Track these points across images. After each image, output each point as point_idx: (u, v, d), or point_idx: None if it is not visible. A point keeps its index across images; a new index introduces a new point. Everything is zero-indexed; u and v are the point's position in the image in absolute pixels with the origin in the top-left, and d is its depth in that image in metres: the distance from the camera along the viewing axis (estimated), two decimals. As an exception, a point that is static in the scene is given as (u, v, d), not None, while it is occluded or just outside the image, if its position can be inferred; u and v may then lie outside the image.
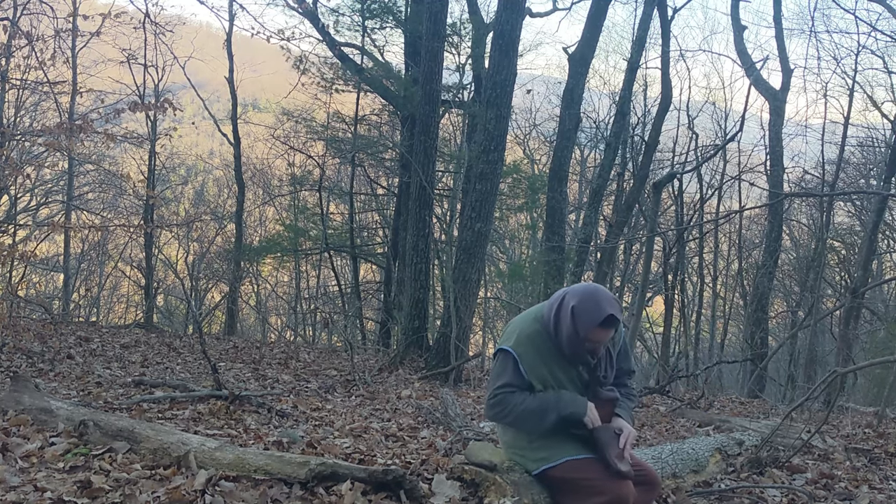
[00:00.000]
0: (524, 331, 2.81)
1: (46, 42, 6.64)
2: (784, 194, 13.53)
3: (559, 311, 2.76)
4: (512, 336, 2.82)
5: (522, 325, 2.84)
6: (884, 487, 4.16)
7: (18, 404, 3.81)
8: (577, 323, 2.68)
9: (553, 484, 2.81)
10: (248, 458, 3.03)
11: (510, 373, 2.77)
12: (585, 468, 2.72)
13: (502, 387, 2.77)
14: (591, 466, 2.72)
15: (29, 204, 17.45)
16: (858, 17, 17.27)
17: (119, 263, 18.21)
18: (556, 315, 2.76)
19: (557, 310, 2.76)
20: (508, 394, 2.75)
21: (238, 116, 16.27)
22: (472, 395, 7.41)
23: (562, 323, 2.73)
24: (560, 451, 2.77)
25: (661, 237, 15.92)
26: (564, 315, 2.73)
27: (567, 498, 2.77)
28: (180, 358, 8.30)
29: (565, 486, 2.76)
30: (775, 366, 15.66)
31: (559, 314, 2.75)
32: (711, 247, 18.69)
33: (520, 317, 2.93)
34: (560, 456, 2.76)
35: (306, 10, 14.07)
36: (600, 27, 12.58)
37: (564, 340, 2.74)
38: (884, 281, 16.36)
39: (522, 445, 2.86)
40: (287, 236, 16.08)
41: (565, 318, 2.72)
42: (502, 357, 2.80)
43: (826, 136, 15.48)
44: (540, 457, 2.80)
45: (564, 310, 2.73)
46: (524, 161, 19.85)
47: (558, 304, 2.77)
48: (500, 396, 2.76)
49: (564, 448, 2.77)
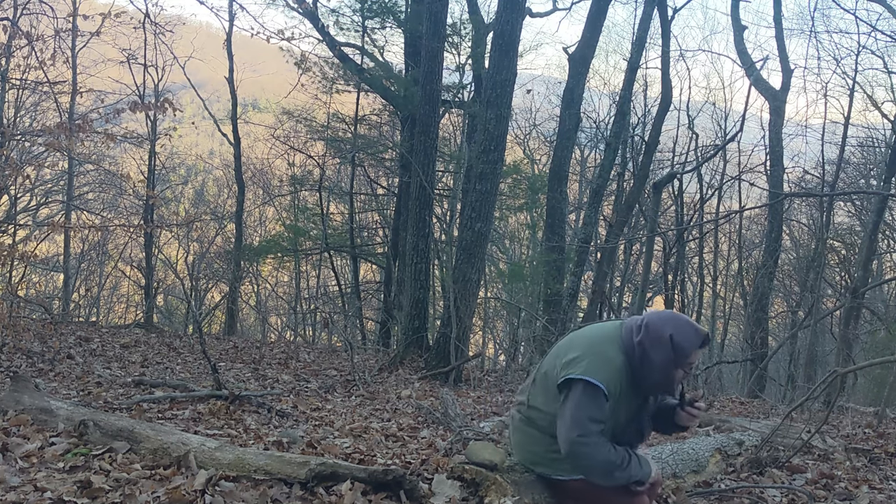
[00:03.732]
0: (613, 363, 2.64)
1: (46, 42, 6.63)
2: (784, 194, 13.53)
3: (650, 340, 2.63)
4: (601, 368, 2.61)
5: (608, 355, 2.66)
6: (884, 487, 4.15)
7: (18, 404, 3.81)
8: (678, 349, 2.61)
9: (577, 494, 2.78)
10: (248, 458, 3.03)
11: (599, 410, 2.58)
12: (611, 491, 2.70)
13: (594, 427, 2.57)
14: (616, 491, 2.71)
15: (29, 204, 17.46)
16: (858, 17, 17.25)
17: (119, 263, 18.21)
18: (645, 344, 2.64)
19: (646, 339, 2.64)
20: (599, 439, 2.58)
21: (238, 116, 16.27)
22: (472, 395, 7.41)
23: (654, 352, 2.63)
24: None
25: (661, 237, 15.93)
26: (658, 343, 2.62)
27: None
28: (180, 358, 8.30)
29: (592, 496, 2.74)
30: (775, 366, 15.66)
31: (650, 343, 2.63)
32: (711, 247, 18.70)
33: (596, 341, 2.72)
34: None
35: (306, 10, 14.06)
36: (600, 27, 12.58)
37: (658, 369, 2.63)
38: (884, 281, 16.37)
39: (538, 452, 2.79)
40: (287, 236, 16.08)
41: (661, 347, 2.62)
42: (592, 392, 2.58)
43: (826, 136, 15.52)
44: (564, 467, 2.73)
45: (657, 338, 2.62)
46: (524, 161, 19.83)
47: (645, 334, 2.65)
48: (593, 439, 2.57)
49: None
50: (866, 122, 17.10)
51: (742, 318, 17.74)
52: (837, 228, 17.03)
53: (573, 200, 19.65)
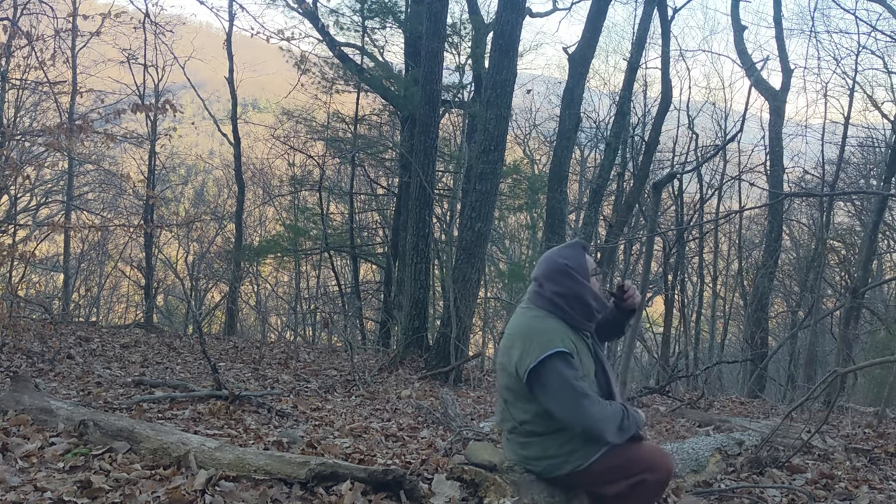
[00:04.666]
0: (550, 328, 2.67)
1: (46, 42, 6.63)
2: (784, 194, 13.52)
3: (556, 282, 2.71)
4: (547, 339, 2.63)
5: (541, 326, 2.69)
6: (884, 487, 4.15)
7: (18, 404, 3.81)
8: (578, 267, 2.72)
9: (596, 479, 2.74)
10: (248, 458, 3.03)
11: (574, 370, 2.61)
12: (631, 450, 2.70)
13: (585, 385, 2.60)
14: (634, 448, 2.71)
15: (29, 204, 17.45)
16: (858, 17, 17.29)
17: (119, 263, 18.20)
18: (558, 289, 2.70)
19: (554, 286, 2.71)
20: (596, 397, 2.61)
21: (238, 116, 16.26)
22: (472, 395, 7.41)
23: (568, 286, 2.70)
24: (598, 442, 2.71)
25: (661, 237, 15.91)
26: (564, 277, 2.71)
27: (616, 486, 2.71)
28: (180, 358, 8.30)
29: (614, 474, 2.70)
30: (775, 366, 15.66)
31: (558, 283, 2.71)
32: (711, 247, 18.69)
33: (522, 328, 2.74)
34: (601, 446, 2.70)
35: (306, 10, 14.07)
36: (600, 27, 12.57)
37: (584, 294, 2.71)
38: (884, 281, 16.36)
39: (554, 454, 2.75)
40: (287, 236, 16.08)
41: (567, 278, 2.70)
42: (559, 360, 2.58)
43: (826, 136, 15.52)
44: (582, 453, 2.71)
45: (559, 275, 2.71)
46: (524, 161, 19.85)
47: (550, 283, 2.72)
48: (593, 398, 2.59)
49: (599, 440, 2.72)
50: (866, 122, 17.12)
51: (742, 318, 17.73)
52: (837, 228, 17.02)
53: (573, 200, 19.65)
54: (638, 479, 2.68)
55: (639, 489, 2.69)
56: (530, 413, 2.74)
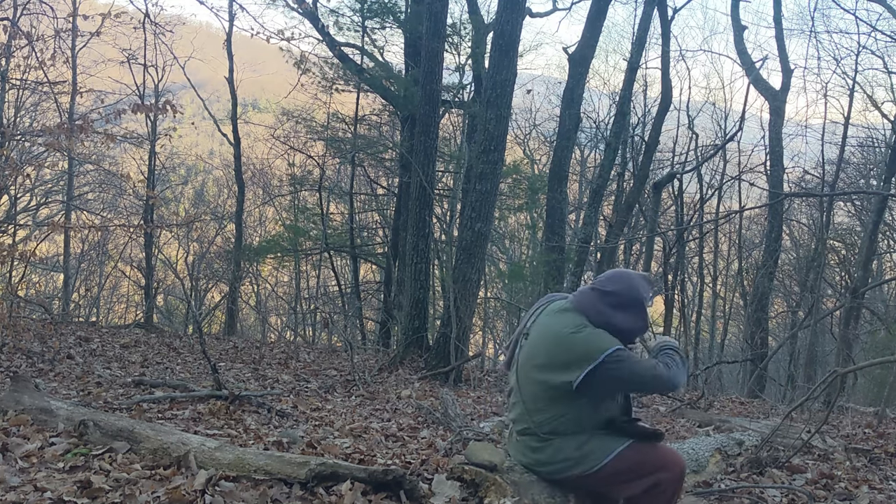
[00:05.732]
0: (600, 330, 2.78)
1: (46, 42, 6.63)
2: (784, 194, 13.52)
3: (627, 317, 2.80)
4: (603, 338, 2.72)
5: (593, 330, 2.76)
6: (884, 487, 4.15)
7: (18, 404, 3.81)
8: (646, 290, 2.83)
9: (608, 480, 2.75)
10: (248, 458, 3.03)
11: (634, 358, 2.80)
12: (643, 451, 2.72)
13: (653, 361, 2.84)
14: (645, 448, 2.73)
15: (29, 204, 17.45)
16: (858, 18, 17.27)
17: (119, 263, 18.20)
18: (618, 322, 2.78)
19: (621, 315, 2.79)
20: (661, 365, 2.79)
21: (238, 116, 16.26)
22: (472, 395, 7.41)
23: (633, 325, 2.82)
24: (617, 439, 2.74)
25: (661, 237, 15.93)
26: (634, 318, 2.81)
27: (629, 487, 2.72)
28: (180, 358, 8.30)
29: (627, 475, 2.71)
30: (775, 366, 15.67)
31: (627, 321, 2.80)
32: (711, 247, 18.69)
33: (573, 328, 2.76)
34: (619, 444, 2.72)
35: (306, 10, 14.06)
36: (600, 27, 12.58)
37: (634, 337, 2.88)
38: (884, 281, 16.37)
39: (567, 456, 2.75)
40: (287, 236, 16.07)
41: (640, 319, 2.83)
42: (623, 351, 2.73)
43: (826, 136, 15.52)
44: (597, 455, 2.72)
45: (634, 312, 2.81)
46: (524, 161, 19.84)
47: (615, 308, 2.79)
48: (661, 367, 2.78)
49: (618, 438, 2.75)
50: (866, 122, 17.12)
51: (742, 318, 17.74)
52: (837, 228, 17.03)
53: (573, 200, 19.66)
54: (652, 481, 2.69)
55: (655, 492, 2.70)
56: (558, 414, 2.74)
